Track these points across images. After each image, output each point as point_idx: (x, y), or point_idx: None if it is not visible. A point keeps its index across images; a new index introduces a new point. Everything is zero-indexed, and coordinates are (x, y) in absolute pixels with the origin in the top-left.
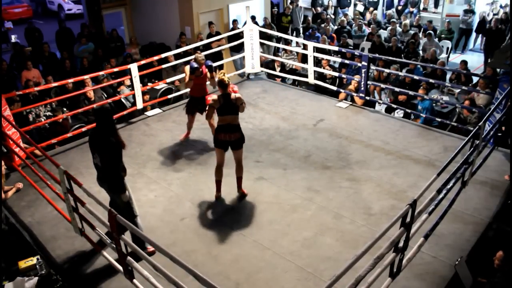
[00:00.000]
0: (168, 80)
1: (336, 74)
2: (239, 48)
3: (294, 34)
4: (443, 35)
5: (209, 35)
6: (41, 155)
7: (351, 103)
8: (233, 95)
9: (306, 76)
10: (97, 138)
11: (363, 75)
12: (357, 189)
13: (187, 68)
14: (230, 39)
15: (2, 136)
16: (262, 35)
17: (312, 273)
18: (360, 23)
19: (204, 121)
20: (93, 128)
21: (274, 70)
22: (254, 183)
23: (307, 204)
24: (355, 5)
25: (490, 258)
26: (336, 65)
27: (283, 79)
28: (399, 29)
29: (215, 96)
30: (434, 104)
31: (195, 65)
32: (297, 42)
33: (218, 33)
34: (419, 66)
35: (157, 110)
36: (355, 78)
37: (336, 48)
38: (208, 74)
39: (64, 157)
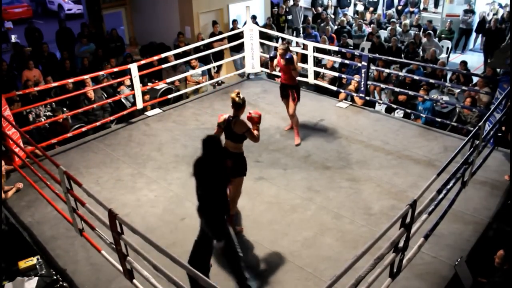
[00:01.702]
0: (168, 80)
1: (336, 74)
2: (239, 48)
3: (294, 34)
4: (443, 35)
5: (212, 34)
6: (41, 155)
7: (351, 103)
8: (236, 121)
9: (306, 76)
10: (205, 168)
11: (363, 75)
12: (357, 189)
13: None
14: (230, 39)
15: (2, 136)
16: (262, 35)
17: (312, 273)
18: (360, 23)
19: (205, 121)
20: (200, 158)
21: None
22: (254, 183)
23: (307, 204)
24: (355, 5)
25: (490, 258)
26: (336, 65)
27: None
28: (399, 29)
29: (226, 116)
30: (434, 104)
31: (272, 54)
32: (297, 42)
33: (221, 33)
34: (419, 66)
35: (157, 110)
36: (355, 78)
37: (336, 48)
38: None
39: (64, 157)
